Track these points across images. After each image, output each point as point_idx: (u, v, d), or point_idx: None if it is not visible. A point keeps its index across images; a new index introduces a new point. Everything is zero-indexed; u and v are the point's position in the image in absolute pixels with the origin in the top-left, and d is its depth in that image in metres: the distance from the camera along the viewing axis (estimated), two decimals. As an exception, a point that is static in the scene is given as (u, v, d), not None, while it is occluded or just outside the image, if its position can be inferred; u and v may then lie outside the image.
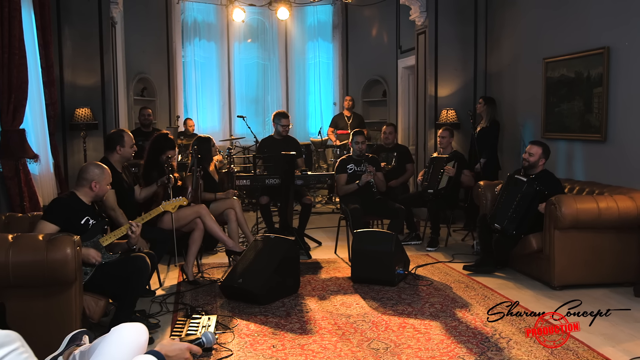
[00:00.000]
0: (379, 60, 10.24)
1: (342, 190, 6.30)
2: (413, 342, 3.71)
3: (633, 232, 4.77)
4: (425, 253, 6.22)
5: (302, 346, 3.67)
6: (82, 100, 7.02)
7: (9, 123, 4.89)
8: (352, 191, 6.18)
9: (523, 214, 5.02)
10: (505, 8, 7.47)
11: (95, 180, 3.75)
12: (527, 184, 5.03)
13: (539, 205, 4.93)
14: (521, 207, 5.03)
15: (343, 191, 6.28)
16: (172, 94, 10.03)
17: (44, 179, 5.66)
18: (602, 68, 5.60)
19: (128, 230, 3.83)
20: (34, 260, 3.17)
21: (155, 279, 5.03)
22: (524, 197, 5.01)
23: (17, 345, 1.43)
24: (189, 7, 10.26)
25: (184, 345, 1.93)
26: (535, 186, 5.00)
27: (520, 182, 5.12)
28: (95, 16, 7.08)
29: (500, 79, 7.68)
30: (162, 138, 5.26)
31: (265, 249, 4.75)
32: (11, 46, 4.92)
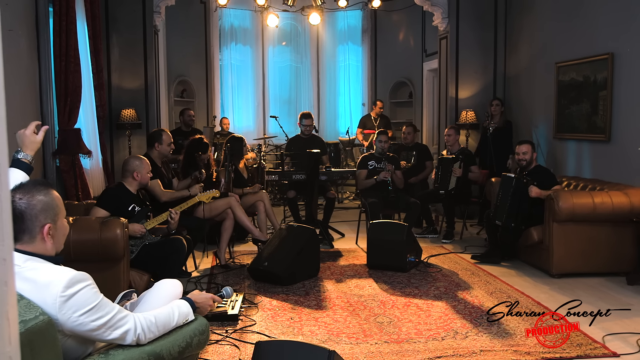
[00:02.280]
0: (406, 63, 10.71)
1: (361, 185, 6.83)
2: (414, 318, 4.21)
3: (627, 225, 5.14)
4: (440, 245, 6.69)
5: (317, 319, 4.21)
6: (127, 102, 7.70)
7: (65, 123, 5.56)
8: (370, 186, 6.69)
9: (517, 207, 5.46)
10: (523, 15, 7.86)
11: (136, 170, 4.37)
12: (515, 180, 5.50)
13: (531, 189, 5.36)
14: (515, 201, 5.47)
15: (362, 185, 6.81)
16: (209, 95, 10.71)
17: (94, 173, 6.33)
18: (606, 72, 5.97)
19: (168, 217, 4.44)
20: (90, 239, 3.79)
21: (191, 262, 5.66)
22: (515, 192, 5.47)
23: (90, 282, 2.01)
24: (226, 14, 10.92)
25: (209, 295, 2.51)
26: (523, 179, 5.46)
27: (510, 178, 5.58)
28: (140, 25, 7.76)
29: (518, 81, 8.08)
30: (197, 142, 5.84)
31: (289, 237, 5.31)
32: (67, 55, 5.59)
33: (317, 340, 3.81)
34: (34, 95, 5.34)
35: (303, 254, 5.18)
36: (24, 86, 5.14)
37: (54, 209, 2.08)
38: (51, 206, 2.07)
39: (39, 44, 5.42)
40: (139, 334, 2.11)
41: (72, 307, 1.94)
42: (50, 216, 2.07)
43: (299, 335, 3.91)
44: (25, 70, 5.15)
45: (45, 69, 5.49)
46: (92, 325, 1.98)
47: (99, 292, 2.04)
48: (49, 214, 2.06)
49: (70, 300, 1.94)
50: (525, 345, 3.70)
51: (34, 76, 5.34)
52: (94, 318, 1.98)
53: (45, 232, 2.05)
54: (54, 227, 2.08)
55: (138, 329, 2.10)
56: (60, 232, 2.13)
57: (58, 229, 2.10)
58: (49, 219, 2.06)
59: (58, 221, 2.10)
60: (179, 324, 2.29)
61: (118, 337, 2.07)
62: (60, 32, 5.53)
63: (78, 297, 1.95)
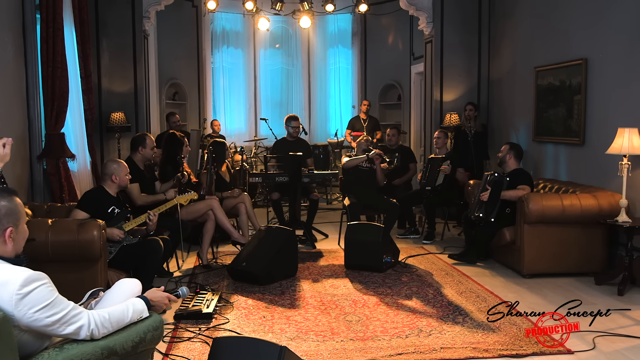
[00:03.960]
0: (394, 66, 10.87)
1: (348, 163, 6.86)
2: (382, 316, 4.36)
3: (596, 227, 5.28)
4: (420, 245, 6.83)
5: (288, 317, 4.36)
6: (117, 105, 7.87)
7: (52, 127, 5.72)
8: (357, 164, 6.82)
9: (497, 202, 5.66)
10: (505, 19, 8.01)
11: (114, 173, 4.54)
12: (490, 175, 5.74)
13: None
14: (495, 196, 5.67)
15: (350, 164, 6.84)
16: (201, 98, 10.87)
17: (82, 175, 6.49)
18: (580, 77, 6.11)
19: (147, 219, 4.60)
20: (67, 240, 3.97)
21: (174, 262, 5.82)
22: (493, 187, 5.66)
23: (45, 281, 2.17)
24: (217, 17, 11.08)
25: (165, 294, 2.68)
26: (496, 174, 5.70)
27: (486, 176, 5.81)
28: (129, 29, 7.93)
29: (500, 85, 8.23)
30: (170, 138, 5.98)
31: (267, 237, 5.46)
32: (54, 60, 5.74)
33: (285, 337, 3.97)
34: (21, 100, 5.50)
35: (281, 254, 5.33)
36: (10, 92, 5.30)
37: (16, 214, 2.26)
38: (14, 211, 2.25)
39: (26, 50, 5.58)
40: (93, 330, 2.27)
41: (28, 304, 2.11)
42: (13, 220, 2.24)
43: (269, 333, 4.07)
44: (11, 76, 5.32)
45: (33, 75, 5.65)
46: (46, 321, 2.15)
47: (54, 290, 2.20)
48: (11, 219, 2.24)
49: (26, 298, 2.11)
50: (484, 342, 3.85)
51: (21, 82, 5.50)
52: (49, 314, 2.14)
53: (7, 235, 2.23)
54: (15, 231, 2.25)
55: (92, 324, 2.27)
56: (21, 236, 2.30)
57: (19, 233, 2.28)
58: (11, 223, 2.24)
59: (19, 225, 2.28)
60: (133, 320, 2.45)
61: (72, 332, 2.23)
62: (47, 39, 5.69)
63: (33, 295, 2.12)
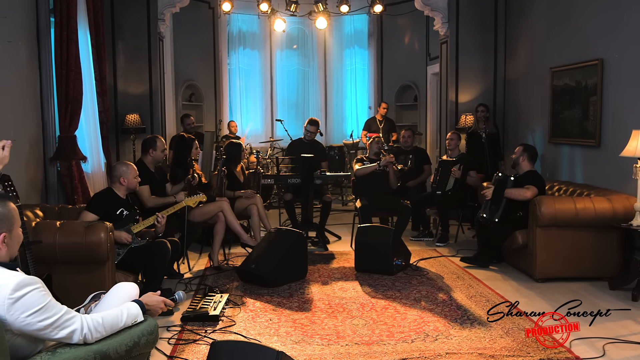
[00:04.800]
0: (411, 67, 10.80)
1: (360, 172, 6.82)
2: (389, 320, 4.33)
3: (611, 230, 5.18)
4: (433, 248, 6.78)
5: (295, 320, 4.35)
6: (132, 107, 7.94)
7: (65, 129, 5.80)
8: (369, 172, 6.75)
9: (501, 202, 5.59)
10: (522, 19, 7.91)
11: (122, 176, 4.57)
12: (501, 176, 5.67)
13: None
14: (499, 196, 5.60)
15: (361, 172, 6.80)
16: (217, 99, 10.92)
17: (96, 176, 6.56)
18: (596, 78, 6.01)
19: (155, 221, 4.62)
20: (75, 242, 4.01)
21: (185, 264, 5.85)
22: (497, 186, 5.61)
23: (38, 285, 2.19)
24: (234, 19, 11.12)
25: (160, 298, 2.68)
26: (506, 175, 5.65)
27: (498, 177, 5.74)
28: (144, 32, 8.00)
29: (517, 86, 8.12)
30: (179, 140, 6.00)
31: (276, 239, 5.46)
32: (68, 63, 5.83)
33: (290, 340, 3.96)
34: (35, 103, 5.58)
35: (290, 256, 5.32)
36: (24, 95, 5.38)
37: (10, 220, 2.28)
38: (7, 217, 2.27)
39: (40, 53, 5.66)
40: (86, 334, 2.28)
41: (20, 308, 2.13)
42: (6, 226, 2.27)
43: (274, 336, 4.06)
44: (25, 79, 5.40)
45: (47, 78, 5.73)
46: (39, 325, 2.16)
47: (47, 294, 2.22)
48: (4, 224, 2.26)
49: (18, 302, 2.13)
50: (491, 348, 3.80)
51: (35, 85, 5.58)
52: (41, 319, 2.16)
53: (0, 240, 2.25)
54: (9, 236, 2.28)
55: (85, 329, 2.28)
56: (15, 240, 2.33)
57: (13, 238, 2.31)
58: (5, 229, 2.26)
59: (13, 230, 2.30)
60: (127, 324, 2.46)
61: (65, 336, 2.25)
62: (61, 42, 5.77)
63: (25, 300, 2.14)
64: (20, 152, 5.21)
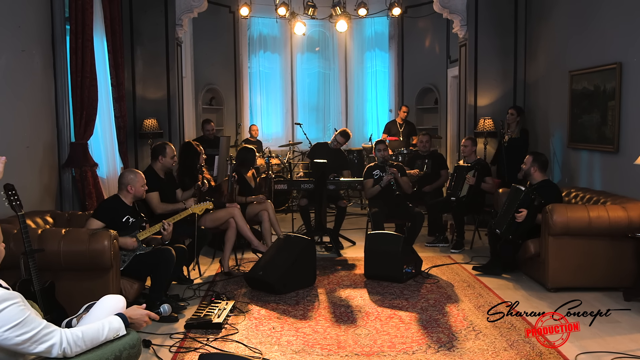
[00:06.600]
0: (431, 70, 10.69)
1: (368, 193, 6.94)
2: (393, 330, 4.29)
3: (625, 240, 5.04)
4: (447, 255, 6.69)
5: (297, 329, 4.34)
6: (150, 112, 8.02)
7: (80, 136, 5.88)
8: (377, 193, 6.76)
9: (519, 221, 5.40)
10: (541, 21, 7.76)
11: (129, 183, 4.61)
12: (524, 193, 5.41)
13: (522, 214, 5.32)
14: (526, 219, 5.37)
15: (369, 194, 6.91)
16: (238, 103, 10.98)
17: (112, 182, 6.64)
18: (615, 82, 5.86)
19: (161, 228, 4.66)
20: (79, 250, 4.06)
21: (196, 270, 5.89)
22: (521, 206, 5.39)
23: (17, 300, 2.22)
24: (254, 22, 11.16)
25: (144, 312, 2.69)
26: (531, 195, 5.36)
27: (519, 191, 5.50)
28: (162, 37, 8.08)
29: (537, 88, 7.97)
30: (187, 148, 6.03)
31: (285, 246, 5.46)
32: (84, 70, 5.91)
33: (290, 350, 3.95)
34: (50, 110, 5.67)
35: (298, 263, 5.31)
36: (39, 101, 5.47)
37: None
38: None
39: (55, 60, 5.75)
40: (65, 348, 2.31)
41: (-2, 323, 2.16)
42: None
43: (275, 344, 4.06)
44: (40, 86, 5.49)
45: (62, 85, 5.82)
46: (17, 340, 2.19)
47: (26, 309, 2.25)
48: None
49: (-4, 317, 2.15)
50: (493, 361, 3.73)
51: (50, 92, 5.68)
52: (19, 333, 2.19)
53: None
54: None
55: (64, 343, 2.30)
56: None
57: None
58: None
59: None
60: (108, 338, 2.48)
61: (43, 350, 2.27)
62: (76, 49, 5.85)
63: (3, 314, 2.17)
64: (34, 158, 5.31)
